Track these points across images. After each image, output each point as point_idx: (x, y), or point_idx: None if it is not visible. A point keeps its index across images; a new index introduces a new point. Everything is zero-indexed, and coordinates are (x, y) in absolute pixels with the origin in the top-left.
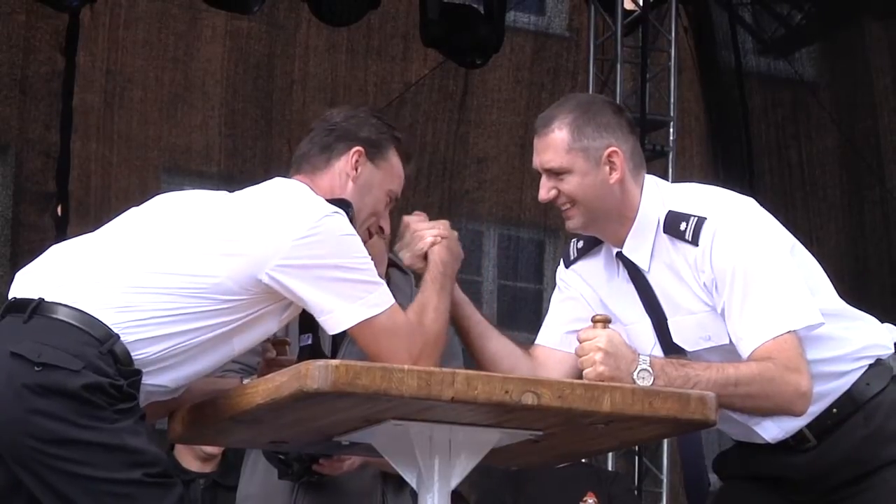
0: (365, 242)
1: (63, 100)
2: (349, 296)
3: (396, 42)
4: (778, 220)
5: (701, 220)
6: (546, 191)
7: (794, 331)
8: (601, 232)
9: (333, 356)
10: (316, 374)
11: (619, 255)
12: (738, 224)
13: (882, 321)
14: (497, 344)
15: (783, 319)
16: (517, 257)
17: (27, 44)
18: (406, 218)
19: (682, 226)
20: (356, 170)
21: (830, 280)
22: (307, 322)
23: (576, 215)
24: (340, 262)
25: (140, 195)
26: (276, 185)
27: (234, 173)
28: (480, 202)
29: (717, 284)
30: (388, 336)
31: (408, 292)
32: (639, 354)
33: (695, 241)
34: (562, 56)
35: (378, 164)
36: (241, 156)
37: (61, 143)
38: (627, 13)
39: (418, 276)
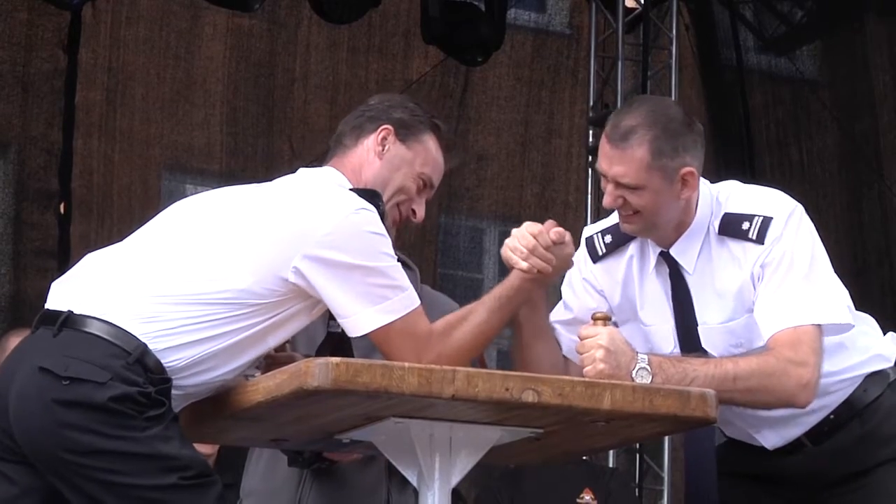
0: (395, 222)
1: (65, 97)
2: (370, 299)
3: (397, 40)
4: None
5: (767, 220)
6: (613, 199)
7: (819, 325)
8: (653, 235)
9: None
10: (316, 371)
11: (664, 255)
12: (800, 222)
13: (882, 320)
14: (544, 347)
15: (810, 311)
16: None
17: (29, 41)
18: (547, 227)
19: (745, 225)
20: (383, 146)
21: None
22: None
23: (637, 222)
24: (365, 262)
25: (142, 193)
26: (305, 177)
27: (235, 171)
28: (481, 199)
29: (765, 274)
30: (402, 341)
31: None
32: (637, 353)
33: (760, 240)
34: (562, 54)
35: (409, 145)
36: (242, 153)
37: (63, 140)
38: (628, 11)
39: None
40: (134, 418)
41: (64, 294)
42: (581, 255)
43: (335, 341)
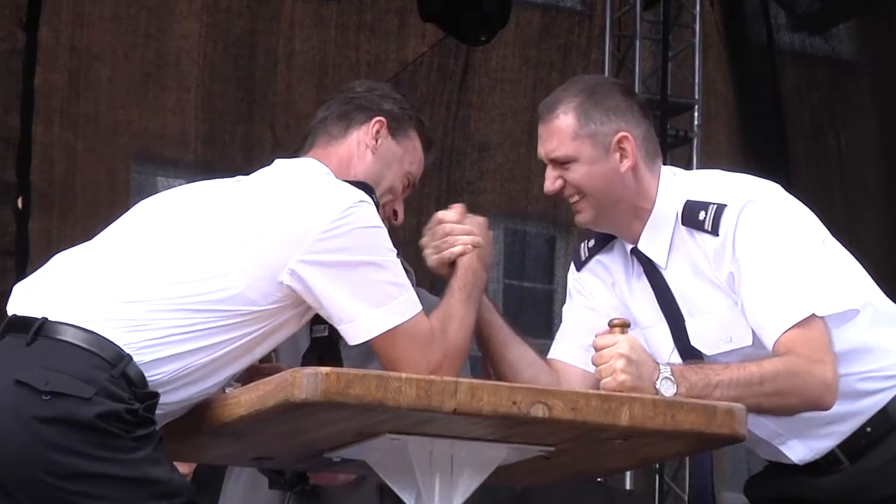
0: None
1: (23, 80)
2: (376, 300)
3: (391, 17)
4: (814, 212)
5: (721, 208)
6: (552, 181)
7: (822, 318)
8: (614, 227)
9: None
10: (304, 382)
11: (634, 252)
12: (762, 209)
13: None
14: (519, 352)
15: (807, 302)
16: (524, 254)
17: None
18: (440, 214)
19: (701, 215)
20: (376, 140)
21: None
22: None
23: (585, 208)
24: (368, 259)
25: (108, 186)
26: (292, 169)
27: (211, 161)
28: (483, 194)
29: (740, 275)
30: (408, 345)
31: None
32: (658, 362)
33: (714, 231)
34: (573, 32)
35: (399, 140)
36: (219, 142)
37: (22, 128)
38: None
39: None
40: (121, 438)
41: (34, 298)
42: (570, 268)
43: (322, 347)
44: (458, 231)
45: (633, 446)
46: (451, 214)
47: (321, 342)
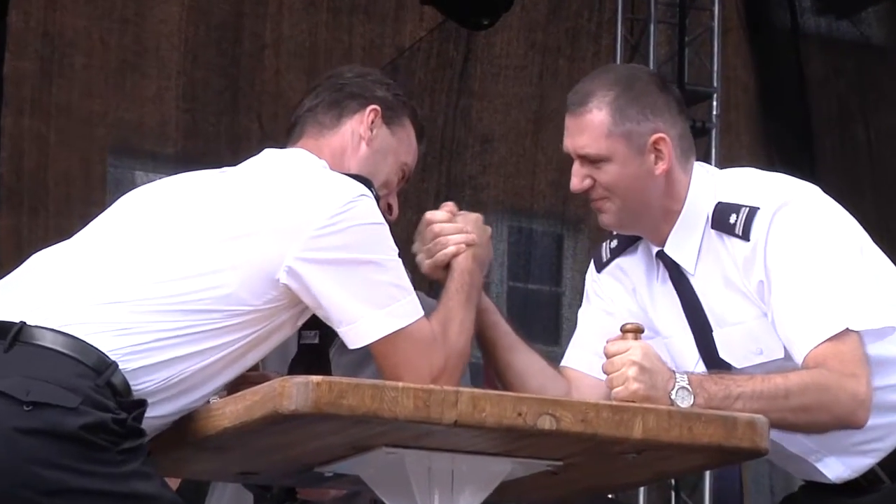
0: None
1: None
2: (377, 301)
3: None
4: (843, 206)
5: (753, 211)
6: (580, 180)
7: (857, 332)
8: (640, 229)
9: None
10: (294, 392)
11: (660, 255)
12: (797, 213)
13: None
14: (526, 359)
15: (841, 316)
16: (530, 254)
17: None
18: (428, 215)
19: (732, 218)
20: (371, 131)
21: None
22: (313, 316)
23: (611, 210)
24: (370, 258)
25: (82, 180)
26: (285, 160)
27: (194, 155)
28: (486, 189)
29: (770, 284)
30: (411, 349)
31: None
32: (674, 371)
33: (745, 236)
34: (583, 15)
35: (394, 130)
36: (202, 134)
37: None
38: None
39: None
40: (108, 451)
41: (10, 301)
42: (589, 269)
43: (311, 355)
44: (448, 231)
45: (647, 460)
46: (440, 214)
47: (310, 349)
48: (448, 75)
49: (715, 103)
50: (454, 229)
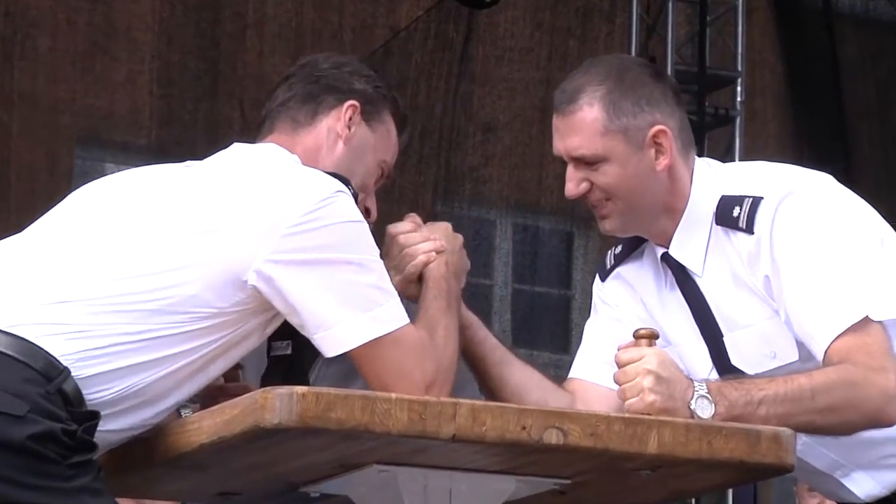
0: None
1: None
2: (358, 304)
3: None
4: (879, 202)
5: (757, 201)
6: (575, 184)
7: (880, 324)
8: (644, 230)
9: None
10: (276, 404)
11: (665, 257)
12: (805, 201)
13: None
14: (521, 373)
15: (860, 304)
16: (536, 254)
17: None
18: (391, 229)
19: (736, 211)
20: (349, 129)
21: None
22: (284, 325)
23: (613, 214)
24: (349, 259)
25: (48, 173)
26: (255, 154)
27: (168, 145)
28: (488, 182)
29: (779, 279)
30: (398, 356)
31: None
32: (692, 379)
33: (749, 229)
34: None
35: (373, 126)
36: (178, 122)
37: None
38: None
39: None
40: (57, 464)
41: None
42: (595, 280)
43: (283, 366)
44: (414, 240)
45: (662, 478)
46: (403, 226)
47: (282, 362)
48: (447, 58)
49: (739, 89)
50: (421, 238)
